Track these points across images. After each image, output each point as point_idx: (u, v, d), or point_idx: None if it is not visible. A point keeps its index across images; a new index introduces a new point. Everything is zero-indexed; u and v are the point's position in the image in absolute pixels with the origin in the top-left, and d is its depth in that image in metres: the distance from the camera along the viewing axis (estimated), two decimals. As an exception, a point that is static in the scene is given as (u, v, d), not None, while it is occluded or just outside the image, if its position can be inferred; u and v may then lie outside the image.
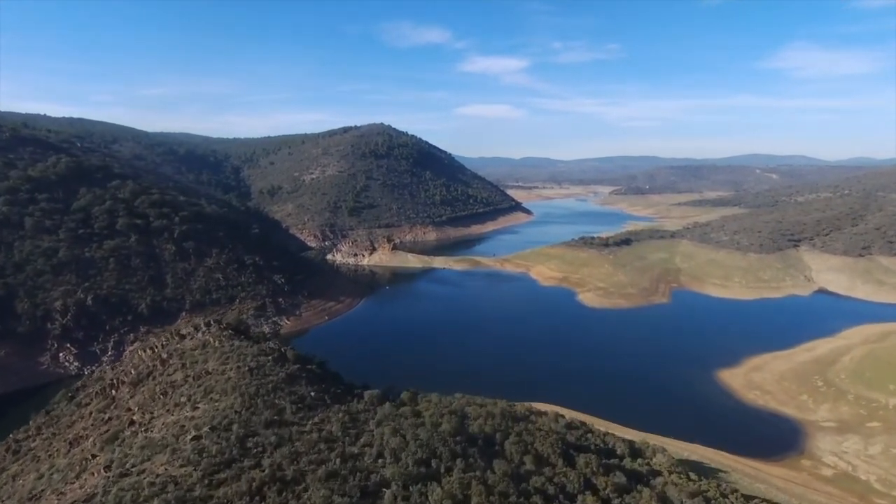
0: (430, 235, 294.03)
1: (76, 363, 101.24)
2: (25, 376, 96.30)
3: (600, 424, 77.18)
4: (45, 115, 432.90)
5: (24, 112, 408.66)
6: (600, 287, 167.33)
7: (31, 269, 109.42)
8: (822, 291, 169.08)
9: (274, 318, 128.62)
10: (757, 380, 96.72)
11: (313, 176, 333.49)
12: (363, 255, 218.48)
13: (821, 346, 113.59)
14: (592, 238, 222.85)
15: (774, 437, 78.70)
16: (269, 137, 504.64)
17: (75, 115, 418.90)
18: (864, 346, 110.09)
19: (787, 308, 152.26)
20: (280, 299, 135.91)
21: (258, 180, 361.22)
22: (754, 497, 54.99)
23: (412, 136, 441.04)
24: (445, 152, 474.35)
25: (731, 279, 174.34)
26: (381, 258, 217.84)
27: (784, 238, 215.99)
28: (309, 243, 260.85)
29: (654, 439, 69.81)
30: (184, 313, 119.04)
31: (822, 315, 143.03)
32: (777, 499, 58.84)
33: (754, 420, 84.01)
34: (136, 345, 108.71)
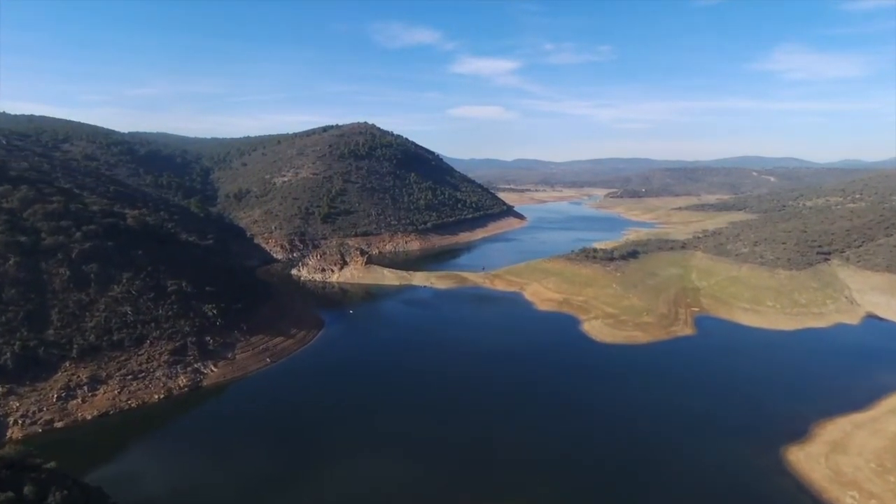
0: (413, 244, 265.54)
1: None
2: None
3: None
4: (1, 112, 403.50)
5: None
6: (609, 313, 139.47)
7: None
8: (871, 317, 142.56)
9: (195, 366, 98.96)
10: (846, 468, 68.95)
11: (285, 178, 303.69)
12: (332, 271, 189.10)
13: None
14: (595, 250, 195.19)
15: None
16: (247, 137, 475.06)
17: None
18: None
19: (838, 342, 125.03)
20: (208, 338, 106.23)
21: (227, 183, 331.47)
22: None
23: (397, 135, 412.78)
24: (433, 153, 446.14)
25: (762, 303, 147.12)
26: (353, 274, 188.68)
27: (812, 251, 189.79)
28: (275, 254, 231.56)
29: None
30: (67, 363, 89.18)
31: (885, 353, 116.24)
32: None
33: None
34: (-14, 413, 79.17)
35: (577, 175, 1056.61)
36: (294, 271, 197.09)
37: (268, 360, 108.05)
